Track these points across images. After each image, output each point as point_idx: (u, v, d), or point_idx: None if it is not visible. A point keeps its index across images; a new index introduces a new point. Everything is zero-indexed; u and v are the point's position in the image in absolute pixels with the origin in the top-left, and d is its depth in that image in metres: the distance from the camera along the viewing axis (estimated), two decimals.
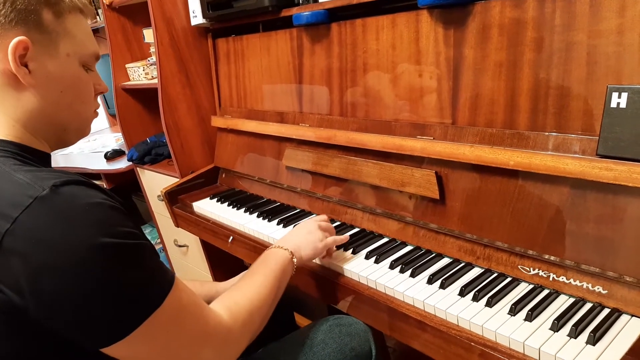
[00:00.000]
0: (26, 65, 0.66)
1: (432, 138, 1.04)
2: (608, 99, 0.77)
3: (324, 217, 1.11)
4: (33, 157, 0.67)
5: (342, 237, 1.07)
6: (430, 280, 0.93)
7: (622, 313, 0.78)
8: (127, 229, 0.59)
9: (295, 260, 0.94)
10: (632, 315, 0.77)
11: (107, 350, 0.60)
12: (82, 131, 0.77)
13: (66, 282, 0.54)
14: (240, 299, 0.78)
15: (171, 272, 0.66)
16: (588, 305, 0.80)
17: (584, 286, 0.82)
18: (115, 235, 0.57)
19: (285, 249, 0.93)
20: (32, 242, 0.54)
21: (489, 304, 0.84)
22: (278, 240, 1.00)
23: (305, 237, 0.99)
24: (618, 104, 0.76)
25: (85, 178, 0.61)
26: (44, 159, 0.71)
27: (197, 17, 1.58)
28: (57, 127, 0.72)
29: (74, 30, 0.70)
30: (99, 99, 0.76)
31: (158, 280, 0.63)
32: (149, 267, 0.62)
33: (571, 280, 0.84)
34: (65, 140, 0.76)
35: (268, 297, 0.83)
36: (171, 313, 0.63)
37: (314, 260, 1.08)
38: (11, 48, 0.63)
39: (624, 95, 0.75)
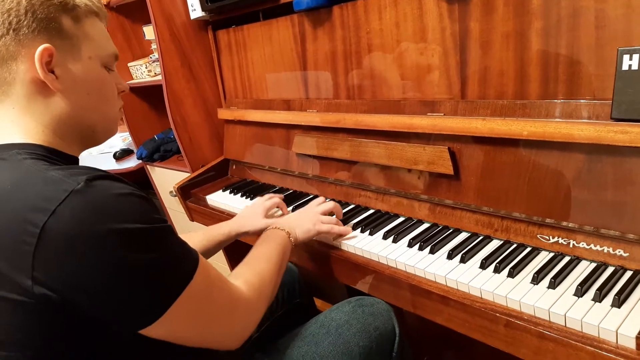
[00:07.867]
0: (52, 72, 0.68)
1: (442, 114, 1.04)
2: (619, 62, 0.76)
3: (329, 205, 1.14)
4: (62, 159, 0.69)
5: (342, 228, 1.11)
6: (450, 256, 0.93)
7: None
8: (155, 215, 0.63)
9: (292, 238, 1.02)
10: None
11: (146, 331, 0.62)
12: (110, 130, 0.80)
13: (106, 268, 0.57)
14: (252, 273, 0.84)
15: (194, 249, 0.69)
16: (610, 269, 0.81)
17: (605, 250, 0.83)
18: (146, 221, 0.61)
19: (282, 229, 1.03)
20: (71, 233, 0.55)
21: (511, 274, 0.84)
22: (276, 221, 1.09)
23: (300, 222, 1.08)
24: (630, 66, 0.75)
25: (111, 173, 0.64)
26: (71, 162, 0.72)
27: (196, 11, 1.57)
28: (86, 129, 0.74)
29: (92, 33, 0.73)
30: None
31: (187, 257, 0.67)
32: (177, 247, 0.66)
33: (591, 245, 0.84)
34: (94, 140, 0.78)
35: (274, 270, 0.90)
36: (202, 285, 0.67)
37: (332, 245, 1.10)
38: (37, 56, 0.65)
39: (635, 57, 0.75)
